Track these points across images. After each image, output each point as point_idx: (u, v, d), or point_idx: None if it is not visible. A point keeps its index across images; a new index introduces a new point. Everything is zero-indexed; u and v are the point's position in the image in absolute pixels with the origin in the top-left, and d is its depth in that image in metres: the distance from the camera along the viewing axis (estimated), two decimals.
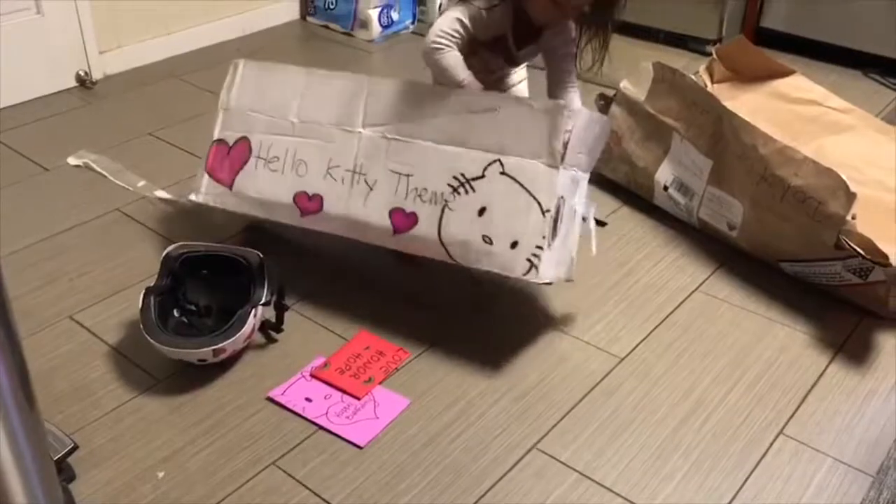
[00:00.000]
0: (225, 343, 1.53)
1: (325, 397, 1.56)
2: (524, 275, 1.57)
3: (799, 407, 1.57)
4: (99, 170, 2.18)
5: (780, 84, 2.37)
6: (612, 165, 2.23)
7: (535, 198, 1.57)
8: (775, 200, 1.80)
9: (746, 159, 1.85)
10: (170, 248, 1.66)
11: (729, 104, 2.02)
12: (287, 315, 1.69)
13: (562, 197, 1.59)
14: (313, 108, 1.78)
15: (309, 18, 3.35)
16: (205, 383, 1.57)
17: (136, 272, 1.84)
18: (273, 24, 3.27)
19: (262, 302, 1.58)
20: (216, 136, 1.89)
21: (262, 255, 1.62)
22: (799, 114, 2.29)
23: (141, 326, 1.55)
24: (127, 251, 1.94)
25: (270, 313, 1.67)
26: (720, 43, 2.99)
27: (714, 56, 2.39)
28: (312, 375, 1.60)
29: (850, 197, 1.67)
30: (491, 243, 1.60)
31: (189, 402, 1.54)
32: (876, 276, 1.71)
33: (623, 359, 1.67)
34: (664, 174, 2.06)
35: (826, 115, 2.30)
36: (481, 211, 1.61)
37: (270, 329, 1.67)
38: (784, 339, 1.73)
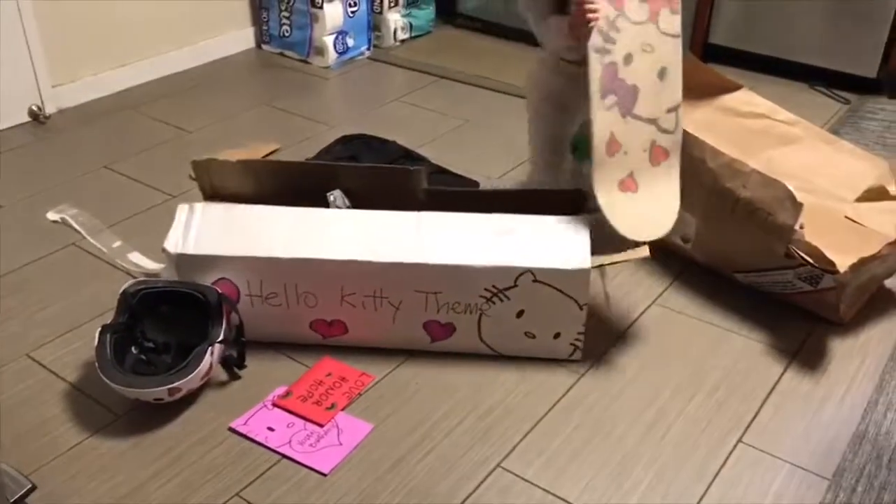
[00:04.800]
0: (180, 382, 1.52)
1: (287, 426, 1.55)
2: (569, 357, 1.69)
3: (756, 415, 1.60)
4: (76, 227, 2.14)
5: (729, 99, 2.41)
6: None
7: (570, 297, 1.62)
8: (726, 212, 1.84)
9: (697, 173, 1.89)
10: (127, 285, 1.65)
11: None
12: (248, 345, 1.68)
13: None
14: (304, 243, 1.64)
15: (264, 46, 3.36)
16: (166, 417, 1.56)
17: (95, 308, 1.83)
18: (228, 52, 3.28)
19: (219, 339, 1.57)
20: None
21: (220, 291, 1.62)
22: (748, 127, 2.34)
23: (96, 365, 1.54)
24: (84, 286, 1.93)
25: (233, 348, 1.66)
26: None
27: None
28: (274, 404, 1.59)
29: (797, 207, 1.71)
30: (534, 337, 1.67)
31: (150, 437, 1.53)
32: (826, 283, 1.75)
33: (584, 374, 1.69)
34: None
35: (774, 128, 2.35)
36: (519, 313, 1.64)
37: (232, 365, 1.66)
38: (740, 349, 1.76)
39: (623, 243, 1.70)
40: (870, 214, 2.02)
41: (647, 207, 1.66)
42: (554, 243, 1.62)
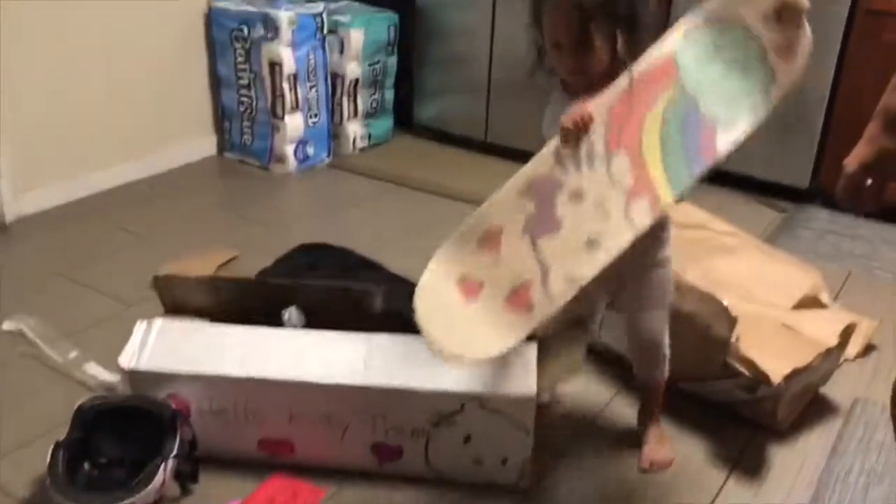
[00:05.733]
0: (133, 499, 1.53)
1: None
2: (517, 482, 1.68)
3: None
4: (32, 337, 2.15)
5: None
6: None
7: (517, 423, 1.64)
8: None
9: None
10: (83, 400, 1.67)
11: None
12: (201, 460, 1.69)
13: None
14: (253, 362, 1.67)
15: (226, 153, 3.45)
16: None
17: (49, 421, 1.83)
18: (190, 159, 3.36)
19: (172, 454, 1.59)
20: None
21: (175, 406, 1.64)
22: (686, 238, 2.44)
23: (48, 482, 1.54)
24: (39, 399, 1.93)
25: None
26: None
27: None
28: None
29: (732, 321, 1.81)
30: (481, 463, 1.68)
31: None
32: (763, 392, 1.83)
33: (529, 491, 1.71)
34: None
35: (712, 239, 2.46)
36: (467, 439, 1.67)
37: (185, 480, 1.67)
38: (685, 457, 1.82)
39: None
40: (805, 322, 2.12)
41: (471, 326, 1.46)
42: (501, 369, 1.64)
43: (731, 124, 1.48)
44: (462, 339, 1.44)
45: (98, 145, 3.04)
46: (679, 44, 1.49)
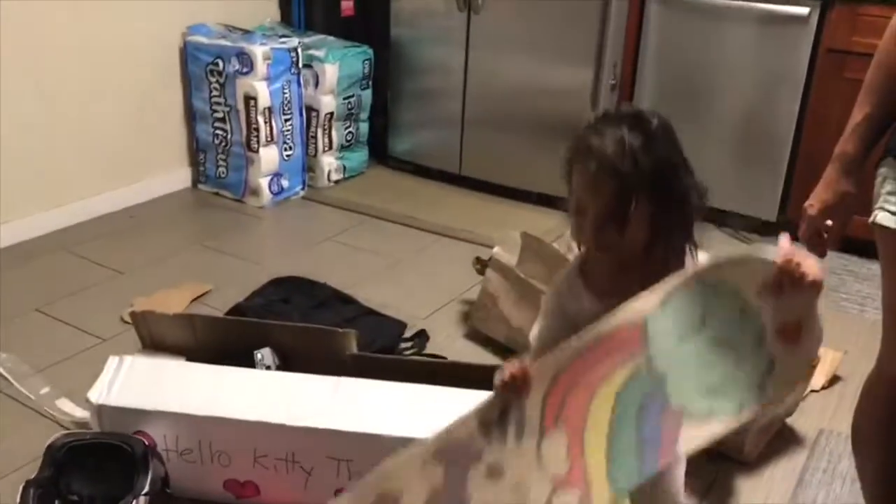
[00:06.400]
0: None
1: None
2: None
3: None
4: (4, 373, 2.14)
5: None
6: (490, 324, 2.38)
7: None
8: None
9: None
10: (54, 438, 1.67)
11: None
12: (172, 498, 1.70)
13: None
14: (220, 401, 1.69)
15: (200, 186, 3.46)
16: None
17: (20, 457, 1.82)
18: (164, 192, 3.36)
19: (143, 492, 1.60)
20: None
21: (147, 443, 1.65)
22: None
23: None
24: (10, 435, 1.93)
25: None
26: None
27: None
28: None
29: None
30: None
31: None
32: None
33: None
34: (535, 332, 2.21)
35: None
36: None
37: None
38: None
39: None
40: None
41: None
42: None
43: (704, 421, 1.13)
44: None
45: (72, 178, 3.04)
46: (655, 308, 1.15)
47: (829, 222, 1.43)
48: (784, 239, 1.11)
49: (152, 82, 3.24)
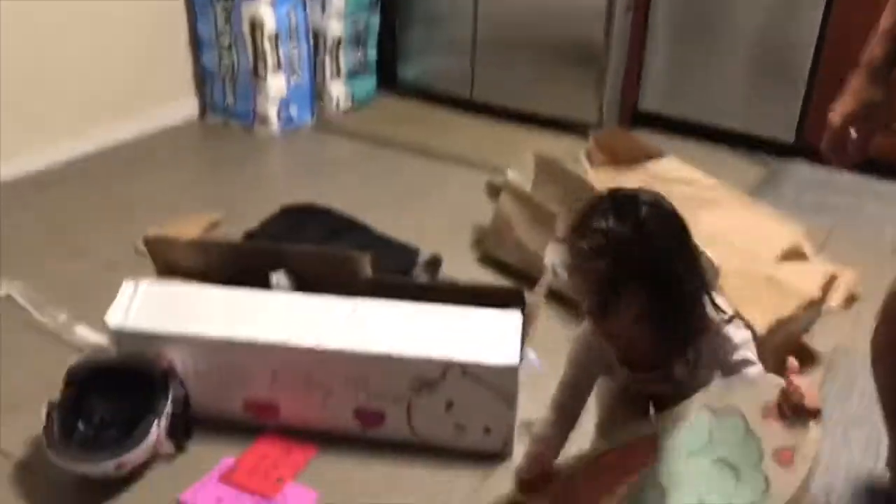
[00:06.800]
0: (126, 456, 1.55)
1: (235, 497, 1.59)
2: (502, 451, 1.68)
3: None
4: (22, 302, 2.16)
5: (654, 166, 2.56)
6: (505, 249, 2.36)
7: (499, 392, 1.64)
8: None
9: None
10: (74, 361, 1.68)
11: (608, 188, 2.18)
12: (193, 419, 1.72)
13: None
14: (237, 324, 1.69)
15: (208, 116, 3.42)
16: (115, 492, 1.59)
17: (41, 383, 1.83)
18: (173, 122, 3.33)
19: (165, 412, 1.61)
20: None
21: (166, 365, 1.66)
22: (673, 193, 2.38)
23: (44, 442, 1.56)
24: (31, 362, 1.94)
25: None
26: (601, 126, 3.20)
27: (591, 143, 2.57)
28: (222, 480, 1.62)
29: (715, 271, 1.83)
30: (464, 430, 1.69)
31: None
32: None
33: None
34: (552, 257, 2.20)
35: (697, 194, 2.48)
36: (449, 405, 1.67)
37: (179, 437, 1.69)
38: None
39: None
40: (788, 274, 2.15)
41: None
42: (485, 338, 1.65)
43: None
44: None
45: (79, 109, 3.01)
46: (668, 427, 1.29)
47: (854, 132, 1.40)
48: (791, 362, 1.18)
49: (157, 11, 3.18)
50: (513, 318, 1.69)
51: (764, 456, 1.18)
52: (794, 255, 2.25)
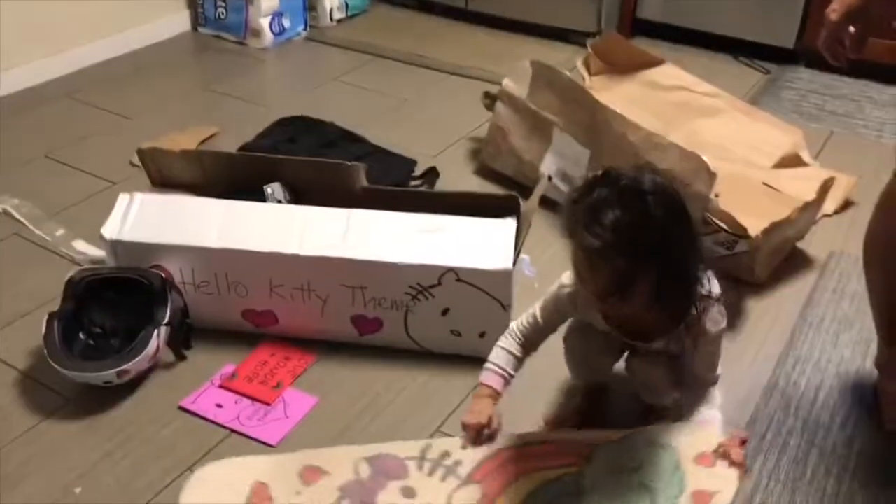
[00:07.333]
0: (128, 365, 1.57)
1: (235, 402, 1.62)
2: None
3: None
4: (19, 217, 2.16)
5: (652, 73, 2.52)
6: (501, 160, 2.35)
7: (494, 297, 1.65)
8: None
9: (619, 147, 1.99)
10: (73, 272, 1.69)
11: (605, 95, 2.16)
12: (193, 328, 1.74)
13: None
14: (233, 234, 1.69)
15: (200, 29, 3.36)
16: (116, 400, 1.62)
17: (41, 296, 1.86)
18: (164, 37, 3.27)
19: (164, 322, 1.63)
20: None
21: (164, 276, 1.67)
22: (671, 101, 2.45)
23: (45, 352, 1.58)
24: (30, 276, 1.96)
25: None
26: (599, 35, 3.14)
27: (589, 51, 2.53)
28: (221, 387, 1.66)
29: (712, 177, 1.82)
30: (460, 335, 1.71)
31: (101, 419, 1.58)
32: (741, 247, 1.86)
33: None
34: (548, 165, 2.19)
35: (696, 101, 2.46)
36: (445, 311, 1.68)
37: (179, 347, 1.72)
38: None
39: None
40: (785, 180, 2.15)
41: None
42: (479, 244, 1.66)
43: None
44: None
45: (70, 24, 2.95)
46: (612, 439, 1.43)
47: (852, 29, 1.37)
48: (739, 433, 1.38)
49: None
50: (507, 224, 1.70)
51: (684, 492, 1.31)
52: (792, 160, 2.25)
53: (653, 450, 1.39)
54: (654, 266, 1.21)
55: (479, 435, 1.45)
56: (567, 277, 1.40)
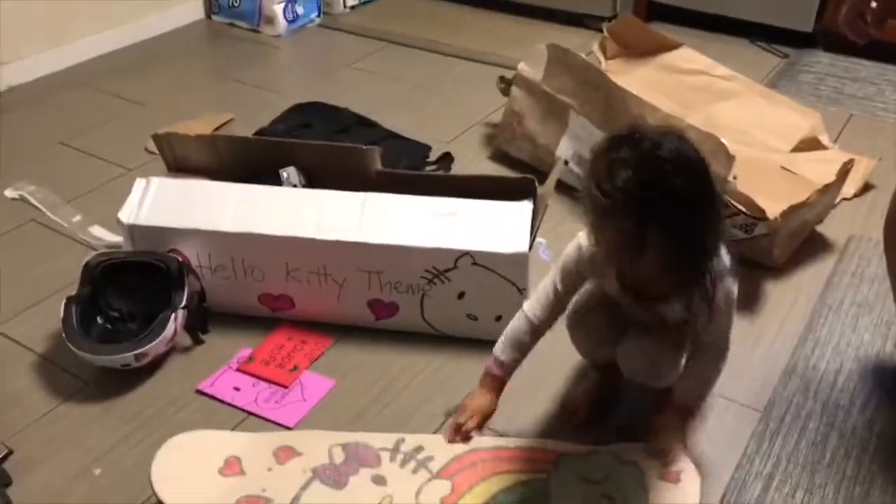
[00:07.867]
0: (146, 348, 1.58)
1: (252, 385, 1.62)
2: None
3: None
4: (35, 203, 2.17)
5: (669, 57, 2.50)
6: (516, 145, 2.34)
7: (509, 280, 1.64)
8: None
9: None
10: (89, 257, 1.70)
11: (622, 79, 2.14)
12: (210, 312, 1.74)
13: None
14: (251, 220, 1.69)
15: (214, 17, 3.36)
16: (134, 383, 1.63)
17: (58, 281, 1.86)
18: (178, 24, 3.28)
19: (182, 305, 1.63)
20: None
21: (181, 260, 1.67)
22: (688, 84, 2.43)
23: (63, 336, 1.59)
24: (47, 261, 1.97)
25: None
26: (615, 19, 3.12)
27: (606, 34, 2.51)
28: (239, 370, 1.66)
29: (730, 159, 1.81)
30: (476, 319, 1.70)
31: (120, 402, 1.59)
32: (760, 230, 1.85)
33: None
34: (564, 149, 2.18)
35: (713, 84, 2.44)
36: (460, 295, 1.67)
37: (196, 331, 1.72)
38: None
39: None
40: (803, 164, 2.13)
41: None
42: (495, 227, 1.65)
43: None
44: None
45: (85, 13, 2.95)
46: (580, 452, 1.47)
47: (874, 4, 1.35)
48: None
49: None
50: (524, 207, 1.69)
51: None
52: (810, 143, 2.23)
53: (618, 465, 1.43)
54: (664, 230, 1.18)
55: (457, 433, 1.48)
56: (583, 237, 1.38)
